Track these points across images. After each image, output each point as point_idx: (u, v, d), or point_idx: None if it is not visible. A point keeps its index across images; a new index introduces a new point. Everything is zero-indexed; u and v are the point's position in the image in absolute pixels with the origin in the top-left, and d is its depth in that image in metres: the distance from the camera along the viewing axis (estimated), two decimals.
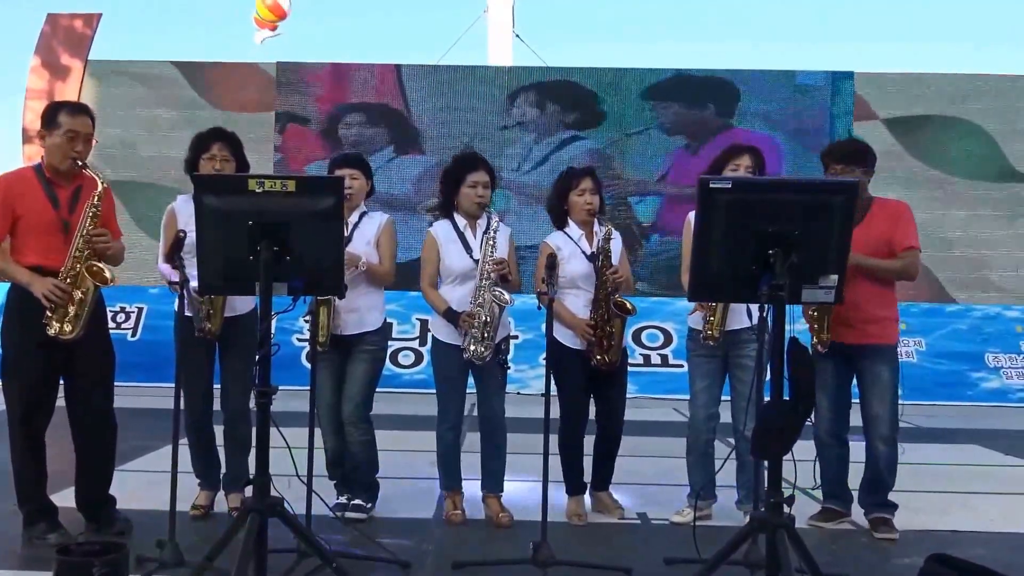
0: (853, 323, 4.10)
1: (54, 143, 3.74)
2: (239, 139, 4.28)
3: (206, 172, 4.10)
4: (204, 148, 4.16)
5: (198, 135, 4.26)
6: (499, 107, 11.35)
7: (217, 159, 4.12)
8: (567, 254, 4.30)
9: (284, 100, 11.44)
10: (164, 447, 5.67)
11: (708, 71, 11.39)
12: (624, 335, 4.32)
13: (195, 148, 4.20)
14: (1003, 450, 6.78)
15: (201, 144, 4.19)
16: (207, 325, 3.97)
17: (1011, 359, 9.74)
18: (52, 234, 3.73)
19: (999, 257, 10.82)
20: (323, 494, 4.07)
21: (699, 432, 4.31)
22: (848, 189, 2.74)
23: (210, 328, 3.99)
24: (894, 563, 3.87)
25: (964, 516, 4.65)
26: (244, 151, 4.28)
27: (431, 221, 4.63)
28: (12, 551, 3.72)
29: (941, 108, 11.19)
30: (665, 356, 9.74)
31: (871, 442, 4.21)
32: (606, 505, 4.50)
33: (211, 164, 4.12)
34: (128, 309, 10.02)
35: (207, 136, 4.21)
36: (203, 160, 4.15)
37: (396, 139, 11.39)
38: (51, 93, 11.41)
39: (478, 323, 4.11)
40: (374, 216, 4.38)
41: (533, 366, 9.28)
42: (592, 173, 4.40)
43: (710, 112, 11.22)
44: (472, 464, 4.40)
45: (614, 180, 11.03)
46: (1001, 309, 10.20)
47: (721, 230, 2.72)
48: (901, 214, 4.22)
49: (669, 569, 3.63)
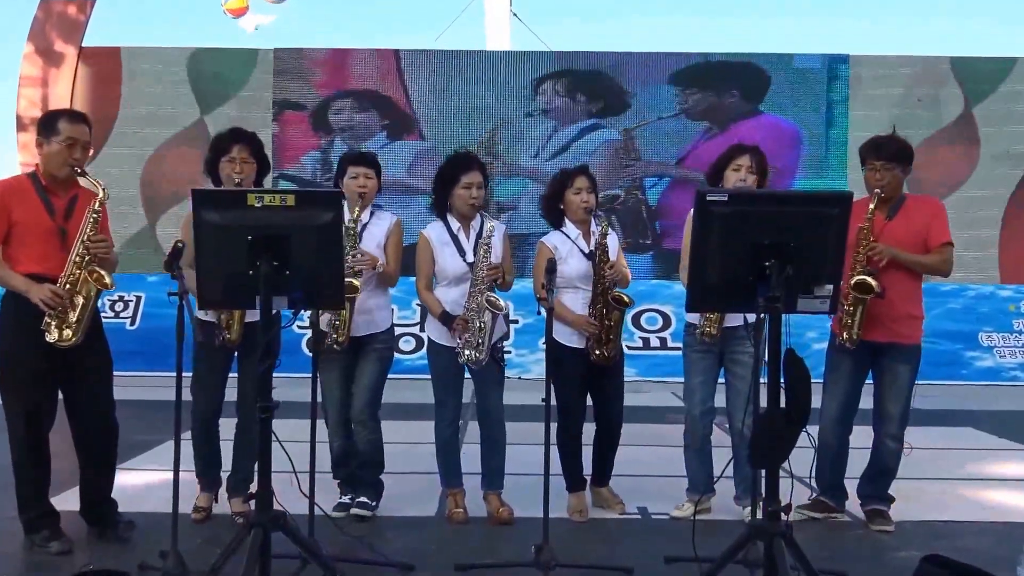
0: (884, 320, 4.10)
1: (52, 150, 3.73)
2: (259, 139, 4.25)
3: (226, 174, 4.10)
4: (224, 150, 4.12)
5: (217, 136, 4.25)
6: (521, 94, 11.31)
7: (237, 161, 4.09)
8: (565, 253, 4.33)
9: (281, 87, 11.39)
10: (164, 442, 5.73)
11: (733, 54, 11.35)
12: (622, 329, 4.35)
13: (214, 149, 4.17)
14: (997, 432, 6.85)
15: (220, 146, 4.16)
16: (226, 335, 3.97)
17: (1004, 338, 9.81)
18: (48, 242, 3.73)
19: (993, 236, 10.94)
20: (327, 493, 4.12)
21: (696, 428, 4.35)
22: (842, 200, 2.76)
23: (229, 338, 3.99)
24: (890, 557, 3.92)
25: (958, 505, 4.71)
26: (264, 151, 4.26)
27: (430, 206, 4.60)
28: (14, 558, 3.73)
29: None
30: (664, 339, 9.79)
31: (880, 438, 4.26)
32: (606, 500, 4.55)
33: (231, 167, 4.08)
34: (127, 298, 10.03)
35: (226, 137, 4.18)
36: (223, 162, 4.11)
37: (397, 128, 11.35)
38: (45, 80, 11.36)
39: (471, 328, 4.13)
40: (383, 216, 4.39)
41: (533, 351, 9.32)
42: (587, 171, 4.41)
43: (735, 98, 11.24)
44: (474, 455, 4.43)
45: (632, 162, 11.10)
46: (995, 288, 10.25)
47: (718, 242, 2.74)
48: (936, 210, 4.26)
49: (670, 568, 3.67)
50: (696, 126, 11.25)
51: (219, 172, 4.14)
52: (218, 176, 4.16)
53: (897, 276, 4.11)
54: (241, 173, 4.06)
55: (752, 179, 4.19)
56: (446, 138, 10.93)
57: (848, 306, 4.05)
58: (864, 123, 10.40)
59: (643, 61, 11.34)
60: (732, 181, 4.19)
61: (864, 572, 3.67)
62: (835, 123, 11.13)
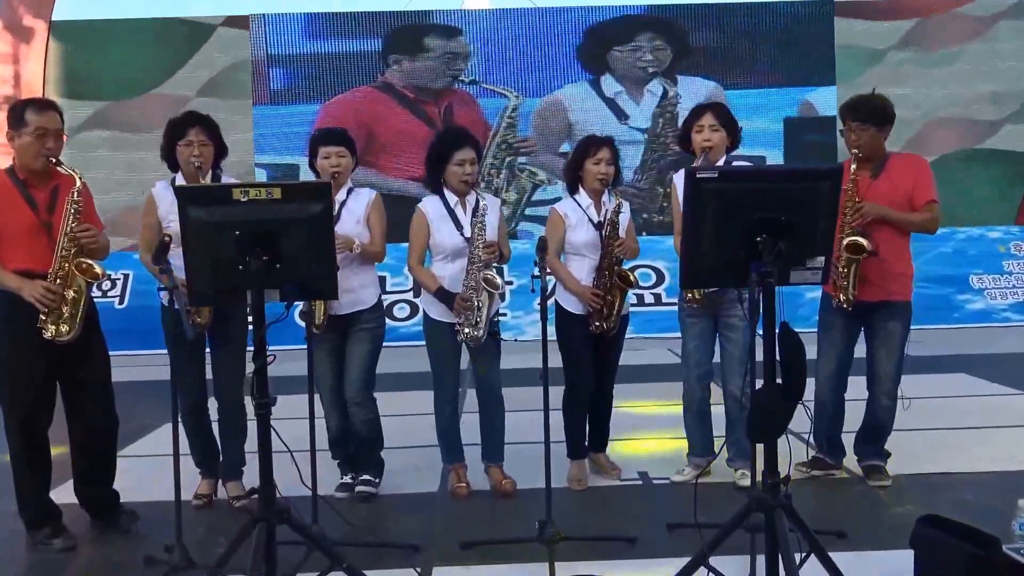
0: (874, 279, 4.11)
1: (24, 143, 3.66)
2: (215, 122, 4.17)
3: (184, 158, 4.04)
4: (180, 134, 4.06)
5: (171, 121, 4.14)
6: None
7: (195, 144, 4.03)
8: (574, 221, 4.33)
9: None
10: (161, 426, 5.73)
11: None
12: (624, 306, 4.37)
13: (169, 135, 4.10)
14: (989, 377, 6.91)
15: (176, 130, 4.08)
16: (196, 319, 3.94)
17: (995, 280, 9.86)
18: (34, 237, 3.68)
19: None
20: (327, 471, 4.13)
21: (693, 391, 4.38)
22: (833, 175, 2.75)
23: (200, 322, 3.97)
24: (888, 513, 3.98)
25: (953, 456, 4.76)
26: (221, 133, 4.18)
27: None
28: (17, 558, 3.74)
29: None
30: (658, 295, 9.81)
31: (874, 395, 4.29)
32: (603, 466, 4.60)
33: (189, 150, 4.02)
34: (114, 276, 9.94)
35: (181, 122, 4.10)
36: (180, 146, 4.05)
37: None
38: (16, 57, 11.16)
39: (471, 307, 4.12)
40: (361, 193, 4.33)
41: (528, 312, 9.33)
42: (611, 143, 4.37)
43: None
44: (472, 423, 4.45)
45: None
46: (984, 231, 10.27)
47: (710, 220, 2.72)
48: (920, 168, 4.25)
49: (672, 535, 3.72)
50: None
51: (177, 157, 4.08)
52: (175, 161, 4.10)
53: (885, 234, 4.11)
54: (200, 156, 4.00)
55: (718, 135, 4.20)
56: None
57: (842, 267, 4.06)
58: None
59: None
60: (698, 143, 4.21)
61: (862, 531, 3.72)
62: None
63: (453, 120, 10.95)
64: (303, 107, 11.10)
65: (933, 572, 2.97)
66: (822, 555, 2.91)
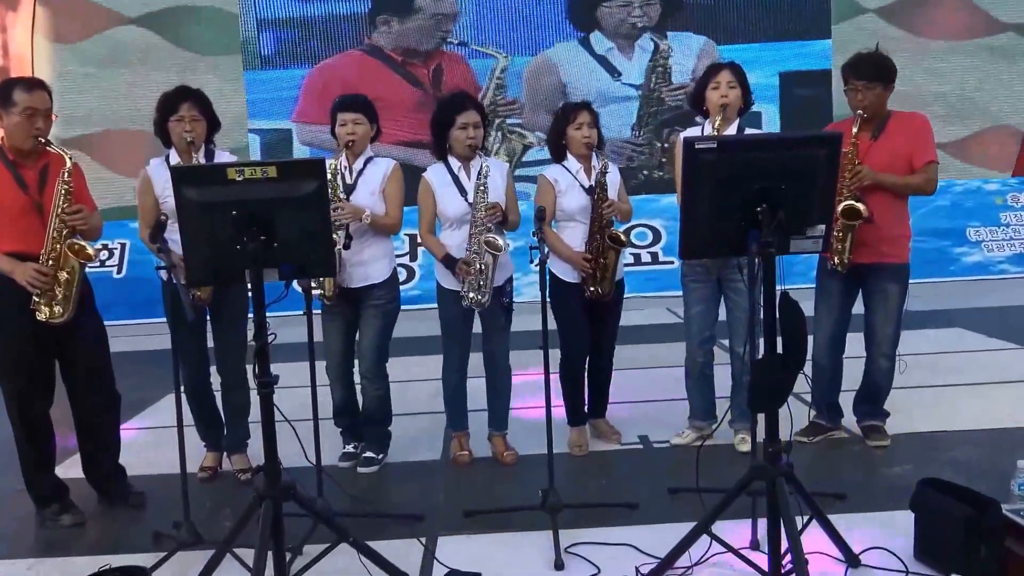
0: (871, 242, 4.09)
1: (12, 123, 3.61)
2: (206, 96, 4.13)
3: (176, 134, 4.01)
4: (172, 109, 4.02)
5: (164, 95, 4.09)
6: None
7: (186, 119, 3.99)
8: (565, 187, 4.30)
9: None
10: (163, 398, 5.75)
11: None
12: (618, 267, 4.35)
13: (161, 110, 4.06)
14: (987, 331, 6.93)
15: (168, 105, 4.05)
16: (196, 292, 3.94)
17: (992, 232, 9.84)
18: (26, 218, 3.64)
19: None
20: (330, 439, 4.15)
21: (695, 356, 4.38)
22: (831, 142, 2.72)
23: (199, 295, 3.97)
24: (886, 473, 4.02)
25: (951, 414, 4.79)
26: (213, 107, 4.15)
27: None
28: (26, 534, 3.77)
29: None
30: (655, 254, 9.79)
31: (872, 357, 4.30)
32: (603, 431, 4.64)
33: (181, 125, 3.99)
34: (111, 246, 9.90)
35: (173, 97, 4.06)
36: (172, 122, 4.02)
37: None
38: (3, 26, 10.99)
39: (474, 271, 4.11)
40: (379, 163, 4.24)
41: (525, 272, 9.29)
42: (589, 107, 4.34)
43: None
44: (475, 390, 4.44)
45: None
46: (981, 183, 10.24)
47: (709, 189, 2.71)
48: (920, 128, 4.18)
49: (674, 500, 3.76)
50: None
51: (169, 132, 4.05)
52: (168, 136, 4.07)
53: (882, 197, 4.09)
54: (192, 131, 3.97)
55: (734, 93, 4.15)
56: None
57: (838, 231, 4.03)
58: None
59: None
60: (714, 100, 4.16)
61: (861, 491, 3.76)
62: None
63: (443, 82, 10.82)
64: (294, 71, 10.96)
65: (933, 535, 3.01)
66: (824, 521, 2.96)
